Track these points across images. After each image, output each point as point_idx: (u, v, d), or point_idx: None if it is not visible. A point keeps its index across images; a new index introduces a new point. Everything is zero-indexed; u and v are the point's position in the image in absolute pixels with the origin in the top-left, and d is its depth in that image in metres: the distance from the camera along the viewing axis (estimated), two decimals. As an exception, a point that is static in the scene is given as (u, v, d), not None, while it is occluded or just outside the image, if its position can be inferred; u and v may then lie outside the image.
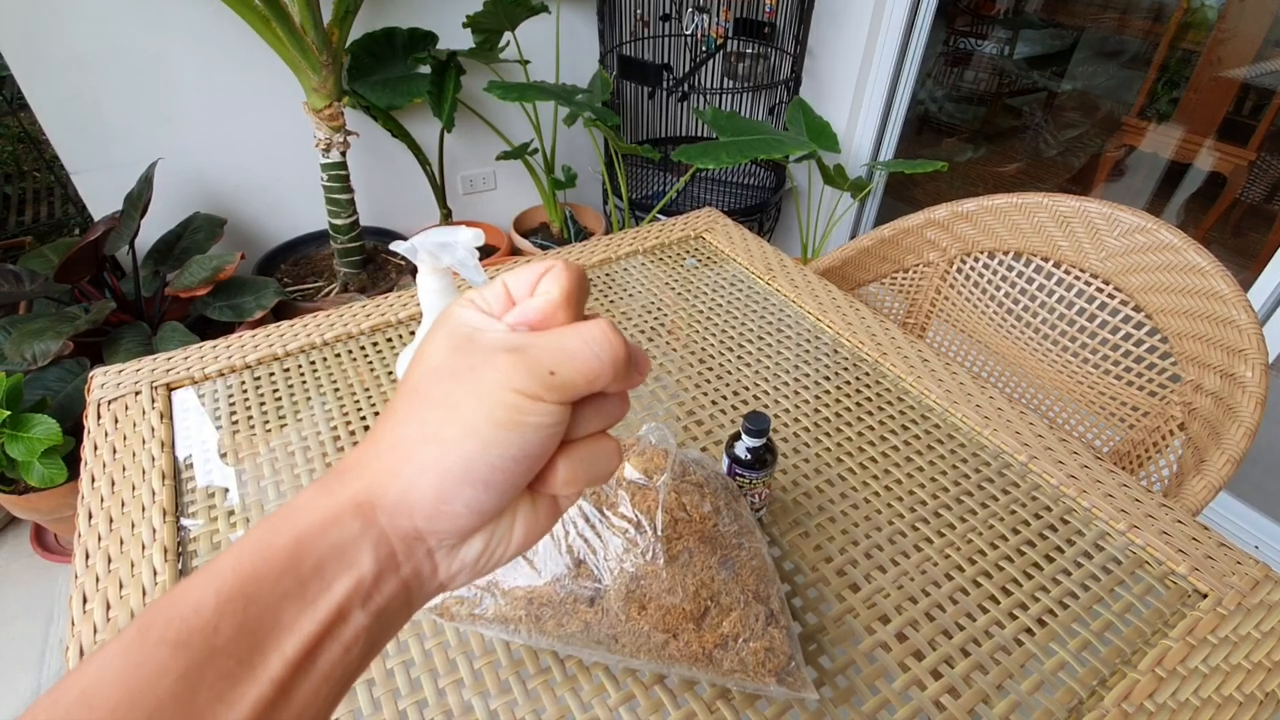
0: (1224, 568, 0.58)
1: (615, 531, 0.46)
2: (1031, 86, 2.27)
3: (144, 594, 0.55)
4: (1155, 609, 0.56)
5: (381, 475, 0.21)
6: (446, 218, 2.03)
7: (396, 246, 0.52)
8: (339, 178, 1.65)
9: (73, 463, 1.30)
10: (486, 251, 2.05)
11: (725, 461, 0.58)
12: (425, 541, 0.21)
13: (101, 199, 1.61)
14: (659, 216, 1.93)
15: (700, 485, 0.50)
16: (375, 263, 1.90)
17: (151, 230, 1.60)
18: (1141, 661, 0.51)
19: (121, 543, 0.59)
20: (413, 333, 0.86)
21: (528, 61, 1.87)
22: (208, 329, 1.59)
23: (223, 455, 0.69)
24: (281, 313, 1.62)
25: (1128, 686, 0.50)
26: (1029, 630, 0.54)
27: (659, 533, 0.46)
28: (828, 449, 0.70)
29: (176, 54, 1.55)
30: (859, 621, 0.55)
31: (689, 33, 1.93)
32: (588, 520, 0.47)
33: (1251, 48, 1.52)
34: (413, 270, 1.88)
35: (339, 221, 1.71)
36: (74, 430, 1.29)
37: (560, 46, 1.95)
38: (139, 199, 1.50)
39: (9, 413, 1.20)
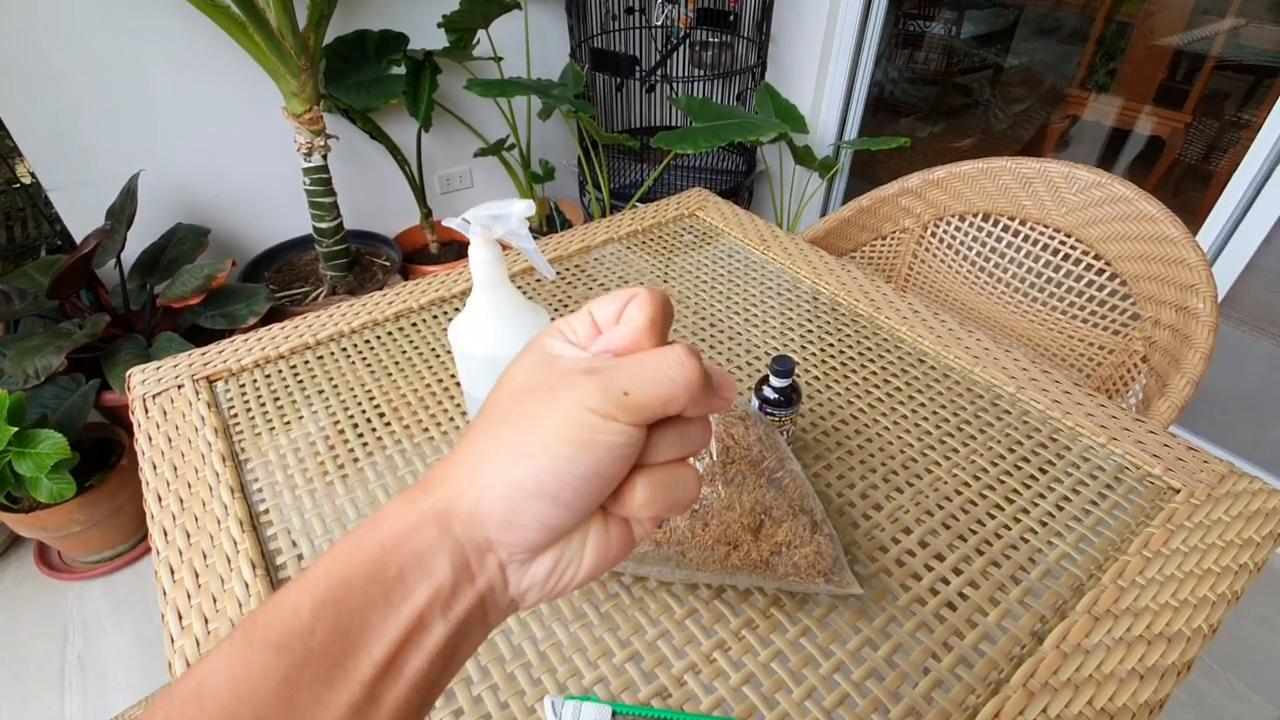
0: (1193, 466, 0.67)
1: (676, 460, 0.52)
2: (979, 64, 2.38)
3: (229, 563, 0.58)
4: (1137, 505, 0.64)
5: (458, 485, 0.22)
6: (426, 217, 2.05)
7: (449, 222, 0.57)
8: (321, 181, 1.66)
9: (78, 477, 1.31)
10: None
11: (755, 403, 0.64)
12: (497, 553, 0.22)
13: (81, 215, 1.60)
14: (638, 204, 1.99)
15: (743, 419, 0.56)
16: (361, 264, 1.91)
17: (133, 244, 1.60)
18: (1130, 546, 0.59)
19: (196, 519, 0.62)
20: (457, 309, 0.90)
21: (501, 58, 1.91)
22: (200, 338, 1.59)
23: (272, 431, 0.72)
24: (272, 319, 1.63)
25: (1120, 567, 0.57)
26: (1032, 530, 0.62)
27: (715, 458, 0.52)
28: (838, 394, 0.77)
29: (153, 66, 1.55)
30: (885, 535, 0.61)
31: (659, 24, 1.99)
32: (649, 453, 0.53)
33: (1182, 17, 1.63)
34: (400, 270, 1.91)
35: (323, 225, 1.72)
36: (75, 446, 1.29)
37: (530, 42, 1.99)
38: (122, 212, 1.50)
39: (14, 430, 1.20)
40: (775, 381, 0.62)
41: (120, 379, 1.34)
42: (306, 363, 0.83)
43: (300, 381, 0.80)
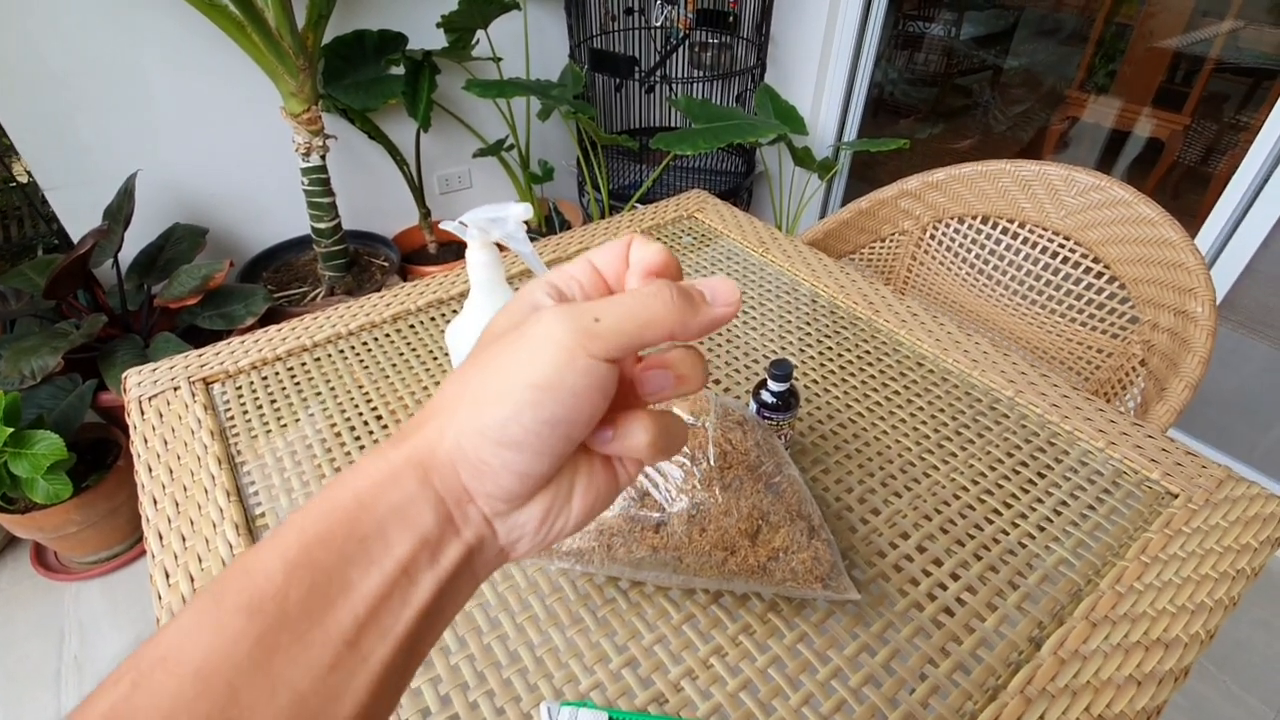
0: (1191, 471, 0.67)
1: (674, 465, 0.52)
2: (979, 65, 2.38)
3: (223, 564, 0.58)
4: (1136, 510, 0.64)
5: (430, 435, 0.21)
6: (425, 217, 2.05)
7: (446, 225, 0.57)
8: (320, 181, 1.66)
9: (75, 478, 1.30)
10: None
11: (753, 406, 0.64)
12: (476, 503, 0.21)
13: (78, 215, 1.60)
14: (637, 205, 1.98)
15: (741, 424, 0.56)
16: (359, 265, 1.91)
17: (130, 244, 1.59)
18: (1128, 552, 0.59)
19: (192, 522, 0.62)
20: (455, 311, 0.90)
21: (500, 59, 1.91)
22: (198, 339, 1.59)
23: (268, 433, 0.72)
24: (270, 320, 1.62)
25: (1119, 572, 0.57)
26: (1030, 535, 0.62)
27: (713, 463, 0.51)
28: (836, 397, 0.77)
29: (152, 66, 1.55)
30: (883, 540, 0.61)
31: (658, 25, 1.98)
32: (646, 458, 0.52)
33: (1181, 19, 1.63)
34: (398, 270, 1.90)
35: (321, 225, 1.72)
36: (72, 446, 1.29)
37: (529, 43, 1.98)
38: (120, 212, 1.50)
39: (10, 430, 1.20)
40: (773, 385, 0.62)
41: (117, 379, 1.34)
42: (304, 364, 0.82)
43: (297, 383, 0.80)
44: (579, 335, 0.19)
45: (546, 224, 2.22)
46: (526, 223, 2.26)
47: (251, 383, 0.80)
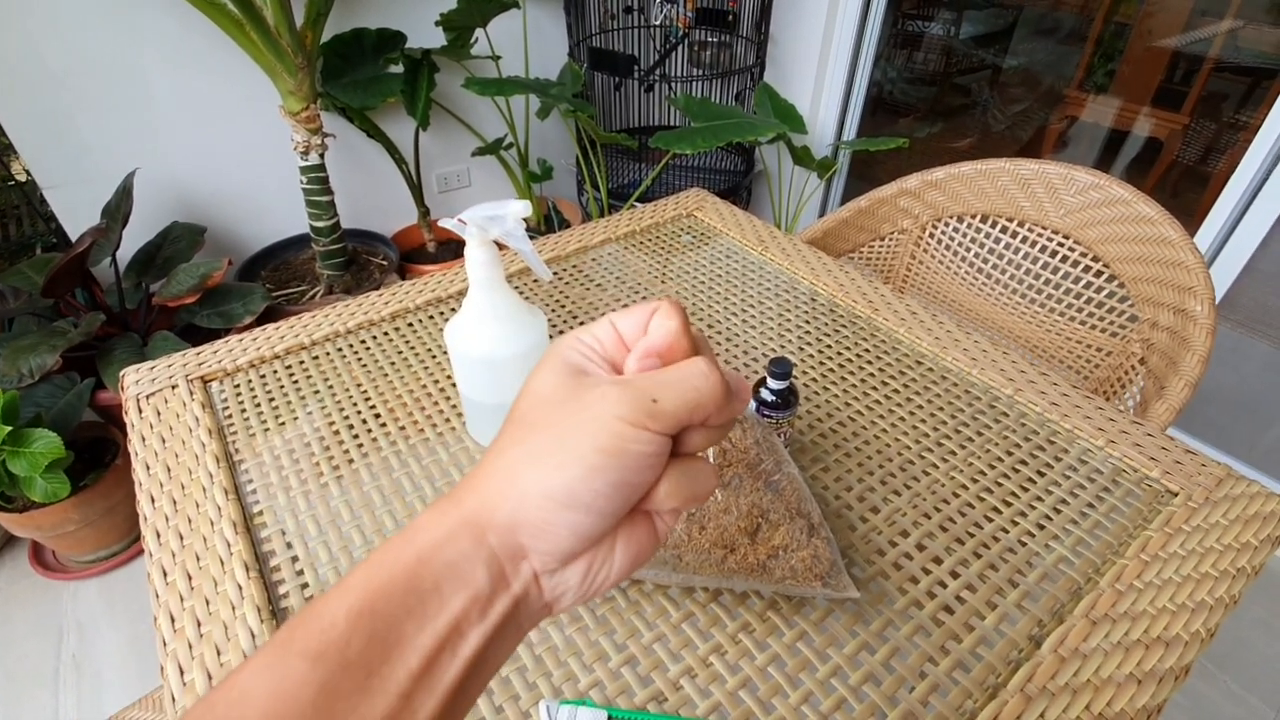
0: (1191, 470, 0.66)
1: (673, 462, 0.51)
2: (978, 64, 2.37)
3: (222, 565, 0.58)
4: (1135, 508, 0.64)
5: (491, 496, 0.22)
6: (424, 216, 2.05)
7: (445, 223, 0.57)
8: (318, 180, 1.66)
9: (73, 477, 1.30)
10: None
11: (752, 405, 0.64)
12: (531, 562, 0.22)
13: (77, 213, 1.59)
14: (636, 204, 1.98)
15: (740, 422, 0.56)
16: (357, 263, 1.91)
17: (129, 242, 1.59)
18: (1128, 550, 0.59)
19: (189, 520, 0.62)
20: (453, 310, 0.90)
21: (499, 57, 1.90)
22: (196, 337, 1.59)
23: (266, 432, 0.72)
24: (269, 318, 1.62)
25: (1118, 570, 0.57)
26: (1030, 533, 0.61)
27: (712, 461, 0.51)
28: (836, 395, 0.77)
29: (150, 64, 1.54)
30: (882, 538, 0.61)
31: (658, 23, 1.98)
32: (645, 456, 0.52)
33: (1180, 18, 1.63)
34: (397, 269, 1.90)
35: (320, 224, 1.72)
36: (70, 445, 1.28)
37: (528, 41, 1.98)
38: (118, 210, 1.50)
39: (9, 429, 1.19)
40: (773, 383, 0.62)
41: (115, 378, 1.34)
42: (302, 363, 0.82)
43: (295, 382, 0.79)
44: (640, 415, 0.21)
45: (545, 223, 2.22)
46: (525, 221, 2.26)
47: (250, 381, 0.79)
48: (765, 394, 0.63)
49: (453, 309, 0.91)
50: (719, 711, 0.49)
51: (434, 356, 0.83)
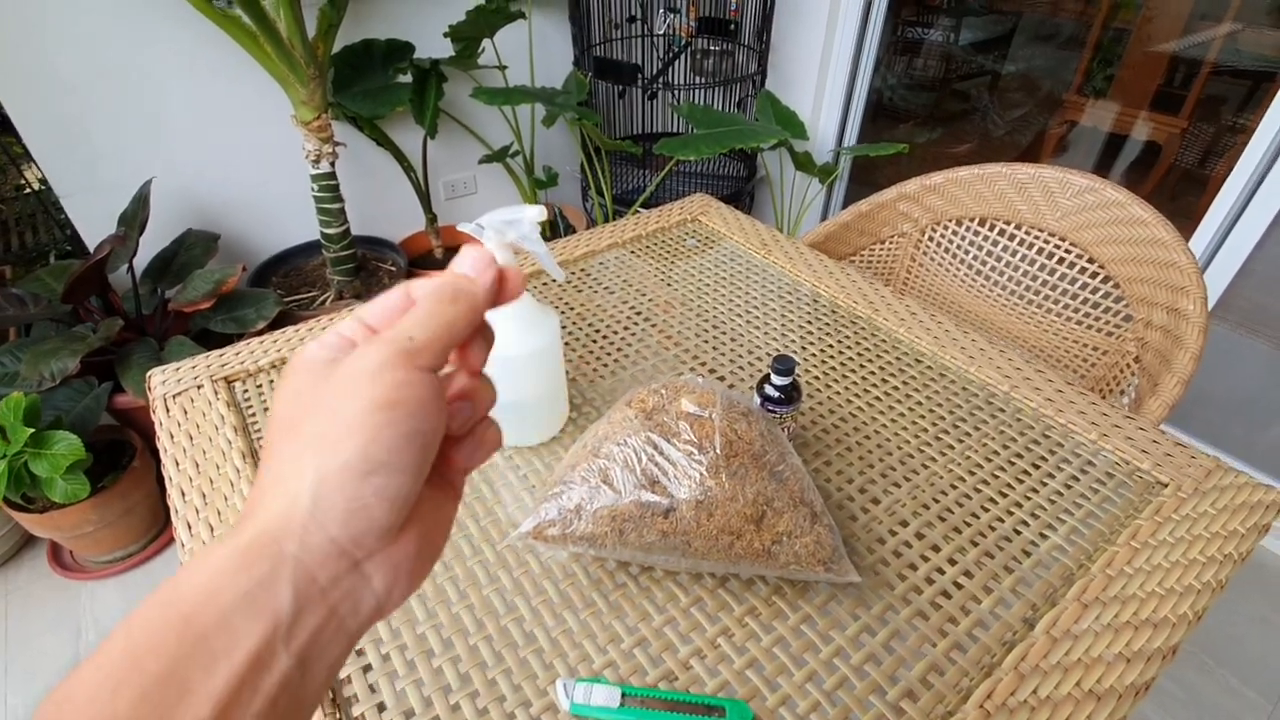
0: (1181, 462, 0.69)
1: (682, 454, 0.54)
2: (977, 70, 2.40)
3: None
4: (1127, 498, 0.66)
5: (279, 503, 0.20)
6: (432, 223, 2.08)
7: (463, 227, 0.59)
8: (329, 188, 1.69)
9: (91, 478, 1.33)
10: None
11: (757, 400, 0.66)
12: (348, 554, 0.21)
13: (93, 221, 1.63)
14: (641, 210, 2.01)
15: (746, 415, 0.58)
16: (367, 270, 1.94)
17: (145, 249, 1.62)
18: (1119, 538, 0.61)
19: (219, 512, 0.65)
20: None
21: (505, 67, 1.94)
22: (210, 342, 1.62)
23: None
24: (281, 323, 1.65)
25: (1109, 557, 0.59)
26: (1024, 523, 0.64)
27: (719, 452, 0.54)
28: (838, 393, 0.80)
29: (164, 74, 1.58)
30: (883, 527, 0.64)
31: (661, 33, 2.02)
32: (656, 449, 0.55)
33: (1179, 22, 1.66)
34: (405, 275, 1.93)
35: (331, 231, 1.75)
36: (88, 447, 1.31)
37: (534, 51, 2.02)
38: (135, 218, 1.53)
39: (31, 431, 1.22)
40: (776, 380, 0.65)
41: (132, 382, 1.37)
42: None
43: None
44: (402, 356, 0.21)
45: (551, 229, 2.25)
46: (538, 225, 2.29)
47: (271, 381, 0.82)
48: (770, 390, 0.66)
49: (465, 311, 0.94)
50: (727, 690, 0.51)
51: (448, 357, 0.86)
